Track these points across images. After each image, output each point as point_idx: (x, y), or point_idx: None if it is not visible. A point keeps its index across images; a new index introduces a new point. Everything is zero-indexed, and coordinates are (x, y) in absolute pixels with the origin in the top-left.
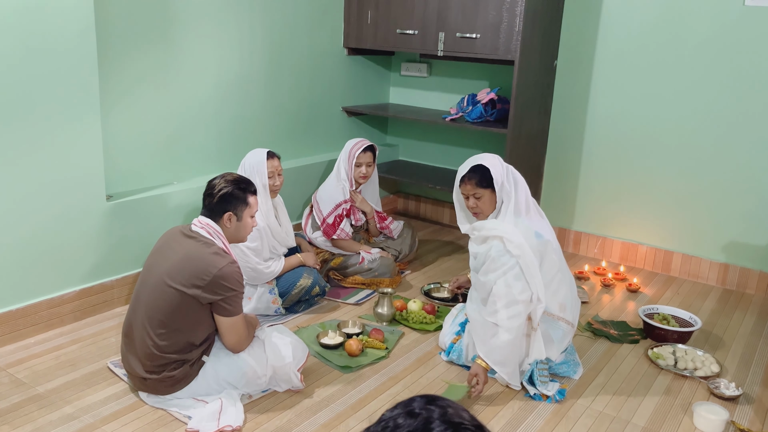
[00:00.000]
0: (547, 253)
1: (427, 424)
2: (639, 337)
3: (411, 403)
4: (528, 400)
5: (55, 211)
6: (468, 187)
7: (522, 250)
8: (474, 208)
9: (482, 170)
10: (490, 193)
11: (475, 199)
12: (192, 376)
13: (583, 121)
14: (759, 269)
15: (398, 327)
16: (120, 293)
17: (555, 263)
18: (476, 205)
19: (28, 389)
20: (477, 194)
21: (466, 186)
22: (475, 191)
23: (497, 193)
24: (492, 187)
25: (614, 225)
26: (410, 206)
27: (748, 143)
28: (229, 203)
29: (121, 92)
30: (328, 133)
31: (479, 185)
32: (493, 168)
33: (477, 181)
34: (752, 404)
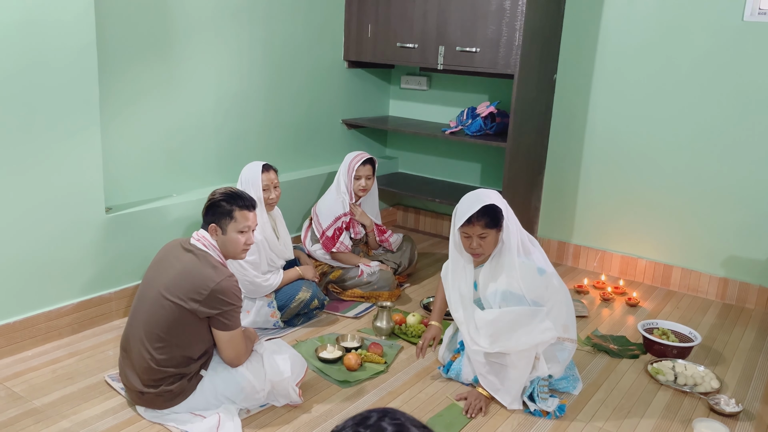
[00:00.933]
0: (550, 285)
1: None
2: (639, 352)
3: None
4: (528, 416)
5: (54, 224)
6: (476, 228)
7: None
8: (477, 249)
9: (492, 211)
10: (495, 233)
11: (480, 239)
12: (190, 391)
13: (582, 135)
14: (758, 284)
15: (397, 341)
16: (118, 306)
17: (557, 289)
18: (480, 246)
19: (25, 403)
20: (484, 235)
21: (474, 227)
22: (482, 232)
23: (503, 236)
24: (498, 228)
25: (614, 239)
26: (409, 219)
27: (746, 158)
28: (213, 214)
29: (122, 105)
30: (328, 145)
31: (488, 226)
32: (505, 210)
33: (486, 222)
34: (753, 421)
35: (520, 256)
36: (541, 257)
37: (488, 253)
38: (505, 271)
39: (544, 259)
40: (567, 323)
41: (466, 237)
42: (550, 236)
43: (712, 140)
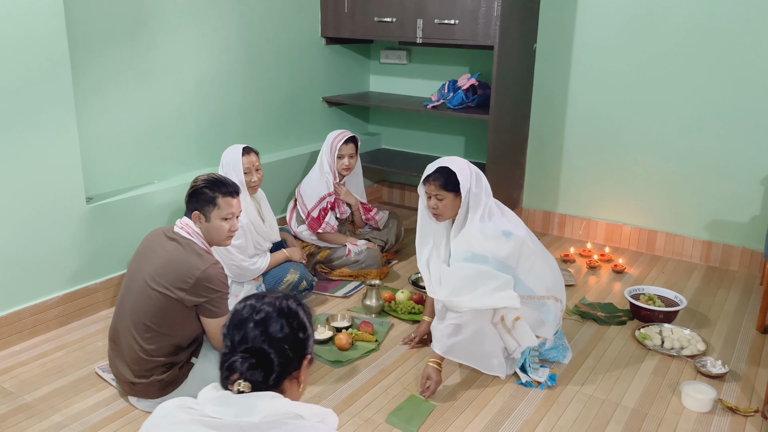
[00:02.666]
0: (523, 245)
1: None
2: (626, 319)
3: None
4: (519, 388)
5: (34, 216)
6: (432, 188)
7: None
8: (435, 209)
9: (448, 173)
10: (453, 198)
11: (437, 200)
12: (181, 379)
13: (565, 104)
14: (741, 245)
15: (387, 318)
16: (105, 296)
17: (533, 251)
18: (437, 206)
19: (16, 398)
20: (440, 196)
21: (430, 186)
22: (438, 192)
23: (462, 198)
24: (456, 192)
25: (598, 207)
26: (395, 195)
27: (728, 123)
28: (197, 202)
29: (97, 92)
30: (310, 124)
31: (443, 188)
32: (461, 173)
33: (442, 183)
34: (739, 381)
35: (483, 221)
36: (508, 222)
37: (446, 215)
38: (468, 235)
39: (514, 224)
40: (550, 285)
41: (427, 196)
42: (535, 206)
43: (695, 107)
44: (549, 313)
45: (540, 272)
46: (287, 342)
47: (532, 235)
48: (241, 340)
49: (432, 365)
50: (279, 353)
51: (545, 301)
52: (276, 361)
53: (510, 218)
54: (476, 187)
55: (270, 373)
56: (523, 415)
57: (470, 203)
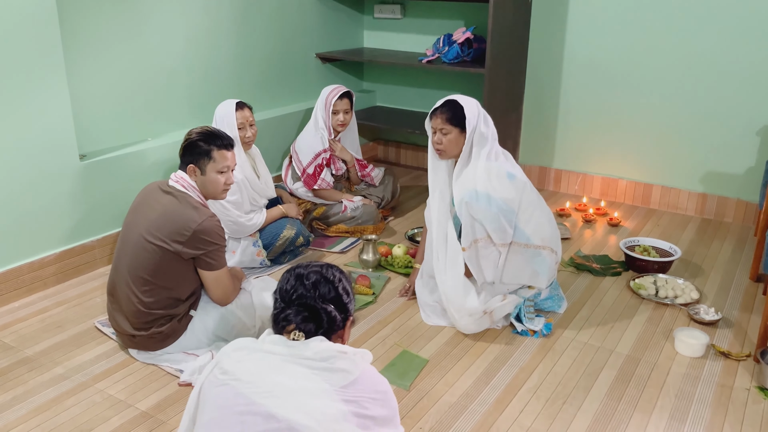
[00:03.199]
0: (525, 192)
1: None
2: (621, 270)
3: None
4: (515, 337)
5: (28, 174)
6: (438, 121)
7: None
8: (438, 145)
9: (456, 107)
10: (458, 134)
11: (441, 134)
12: (180, 331)
13: (561, 58)
14: (736, 197)
15: (384, 272)
16: (102, 253)
17: (533, 201)
18: (441, 142)
19: (17, 353)
20: (445, 130)
21: (436, 119)
22: (443, 126)
23: (467, 135)
24: (462, 128)
25: (594, 161)
26: (390, 153)
27: (723, 75)
28: (192, 155)
29: (87, 50)
30: (303, 81)
31: (449, 121)
32: (468, 108)
33: (448, 117)
34: (731, 328)
35: (489, 160)
36: (517, 169)
37: (450, 152)
38: (473, 173)
39: (520, 172)
40: (546, 236)
41: (432, 132)
42: (531, 162)
43: (691, 58)
44: (543, 264)
45: (538, 222)
46: (334, 303)
47: (531, 186)
48: (296, 298)
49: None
50: (327, 312)
51: (540, 251)
52: (325, 318)
53: (514, 164)
54: (484, 126)
55: (319, 328)
56: (518, 362)
57: (475, 141)
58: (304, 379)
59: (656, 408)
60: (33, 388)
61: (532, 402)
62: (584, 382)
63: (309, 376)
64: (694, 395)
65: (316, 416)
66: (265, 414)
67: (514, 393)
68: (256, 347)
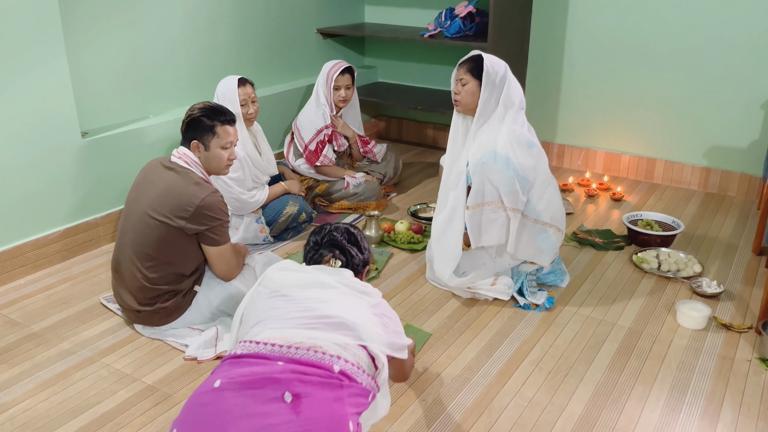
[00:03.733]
0: (541, 165)
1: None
2: (623, 244)
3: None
4: (517, 310)
5: (30, 152)
6: (460, 71)
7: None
8: (456, 95)
9: (479, 59)
10: (475, 86)
11: (460, 85)
12: (185, 307)
13: (564, 32)
14: (740, 171)
15: (387, 248)
16: (105, 231)
17: (548, 178)
18: (459, 92)
19: (23, 328)
20: (464, 81)
21: (459, 70)
22: (462, 77)
23: (482, 87)
24: (480, 80)
25: (597, 136)
26: (392, 129)
27: (728, 48)
28: (195, 130)
29: (86, 27)
30: (304, 57)
31: (469, 72)
32: (490, 60)
33: (469, 67)
34: (733, 300)
35: (515, 124)
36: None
37: (465, 103)
38: (496, 135)
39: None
40: (555, 215)
41: (454, 81)
42: None
43: (694, 32)
44: (548, 241)
45: (549, 199)
46: (357, 249)
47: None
48: (327, 241)
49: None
50: (351, 255)
51: (548, 228)
52: (351, 256)
53: (535, 138)
54: (508, 89)
55: (348, 263)
56: (521, 335)
57: (497, 99)
58: (343, 295)
59: (657, 379)
60: (40, 363)
61: (535, 374)
62: (586, 354)
63: (347, 293)
64: (695, 367)
65: (360, 318)
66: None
67: (516, 365)
68: (299, 268)
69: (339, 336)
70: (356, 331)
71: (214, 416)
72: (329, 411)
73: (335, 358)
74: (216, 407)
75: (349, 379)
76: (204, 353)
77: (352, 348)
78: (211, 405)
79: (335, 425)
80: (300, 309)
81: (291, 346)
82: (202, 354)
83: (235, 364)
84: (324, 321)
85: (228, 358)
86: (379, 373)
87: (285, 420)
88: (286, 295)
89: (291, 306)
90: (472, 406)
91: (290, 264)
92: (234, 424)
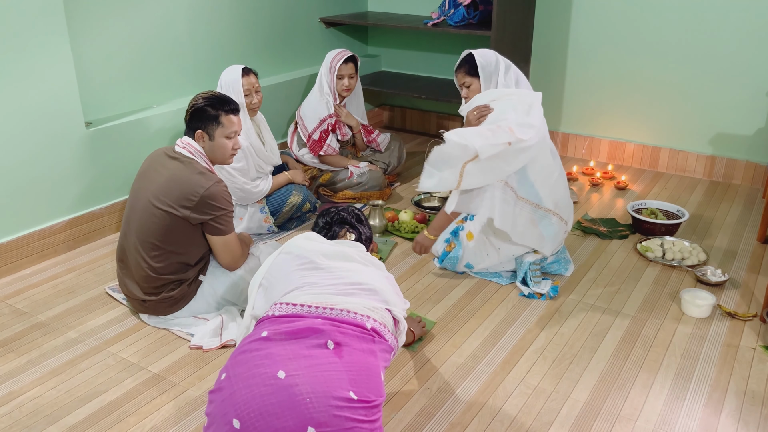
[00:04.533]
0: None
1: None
2: (628, 233)
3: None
4: (522, 299)
5: (35, 142)
6: (459, 77)
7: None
8: (466, 98)
9: (471, 60)
10: (479, 83)
11: (465, 88)
12: (190, 296)
13: (568, 21)
14: (745, 159)
15: (391, 237)
16: (110, 221)
17: (552, 164)
18: (468, 95)
19: (30, 318)
20: (467, 83)
21: (457, 76)
22: (464, 80)
23: (482, 79)
24: (479, 77)
25: (601, 124)
26: (396, 118)
27: (732, 35)
28: (199, 120)
29: (90, 16)
30: (307, 46)
31: (468, 74)
32: (482, 59)
33: (466, 70)
34: (738, 289)
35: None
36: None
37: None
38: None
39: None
40: (559, 202)
41: (460, 88)
42: None
43: (696, 19)
44: (550, 228)
45: (553, 185)
46: (364, 226)
47: (555, 152)
48: (336, 219)
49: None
50: (360, 231)
51: (550, 215)
52: (360, 231)
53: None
54: (504, 77)
55: (358, 238)
56: (525, 323)
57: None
58: (364, 266)
59: (662, 367)
60: (47, 352)
61: (539, 362)
62: (591, 342)
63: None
64: (699, 354)
65: (383, 286)
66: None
67: (521, 354)
68: (323, 240)
69: (369, 300)
70: (383, 296)
71: (265, 358)
72: (366, 360)
73: (366, 318)
74: (266, 351)
75: (379, 336)
76: (209, 342)
77: (380, 311)
78: (261, 350)
79: (371, 372)
80: (333, 277)
81: (327, 308)
82: (208, 343)
83: (276, 321)
84: (356, 287)
85: (268, 318)
86: (400, 333)
87: (330, 361)
88: (317, 264)
89: (324, 274)
90: (477, 393)
91: (315, 235)
92: (284, 364)
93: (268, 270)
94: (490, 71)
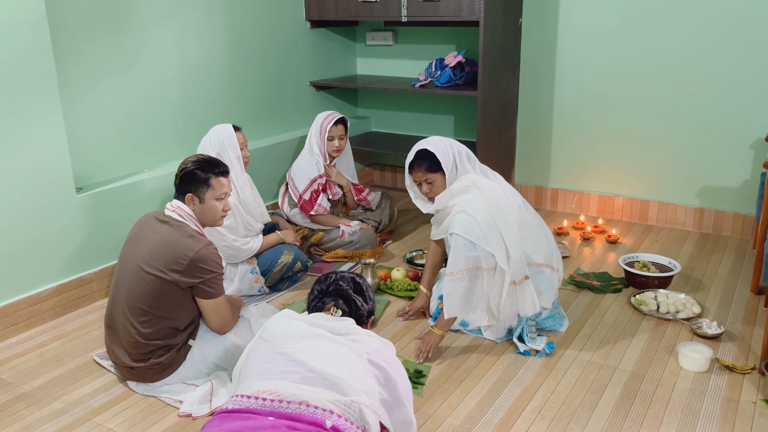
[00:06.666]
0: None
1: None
2: (621, 286)
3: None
4: (518, 356)
5: (24, 208)
6: (418, 174)
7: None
8: (428, 194)
9: (430, 155)
10: (441, 177)
11: (427, 184)
12: (179, 362)
13: (552, 79)
14: (733, 210)
15: (383, 296)
16: (99, 286)
17: (528, 219)
18: (430, 191)
19: (14, 388)
20: (429, 179)
21: (416, 173)
22: (426, 177)
23: (447, 175)
24: (442, 171)
25: (590, 179)
26: (386, 178)
27: (717, 89)
28: (189, 184)
29: (82, 82)
30: (298, 109)
31: (429, 171)
32: (440, 153)
33: (427, 167)
34: (735, 341)
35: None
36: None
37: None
38: (450, 214)
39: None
40: (547, 254)
41: (418, 185)
42: (528, 182)
43: (681, 74)
44: (545, 282)
45: (537, 240)
46: (362, 299)
47: (527, 205)
48: (332, 290)
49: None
50: (357, 305)
51: (542, 269)
52: (354, 306)
53: (503, 185)
54: (460, 162)
55: (350, 312)
56: (522, 382)
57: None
58: (336, 344)
59: (663, 424)
60: (31, 424)
61: (537, 422)
62: (589, 400)
63: (342, 342)
64: (700, 410)
65: (346, 371)
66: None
67: (518, 414)
68: (298, 317)
69: (327, 392)
70: (341, 387)
71: None
72: None
73: (327, 413)
74: None
75: None
76: (199, 409)
77: (343, 404)
78: None
79: None
80: (292, 362)
81: (282, 401)
82: (197, 410)
83: (226, 418)
84: (315, 376)
85: (219, 413)
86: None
87: None
88: (280, 348)
89: (283, 359)
90: None
91: (291, 312)
92: None
93: (245, 358)
94: (452, 164)
